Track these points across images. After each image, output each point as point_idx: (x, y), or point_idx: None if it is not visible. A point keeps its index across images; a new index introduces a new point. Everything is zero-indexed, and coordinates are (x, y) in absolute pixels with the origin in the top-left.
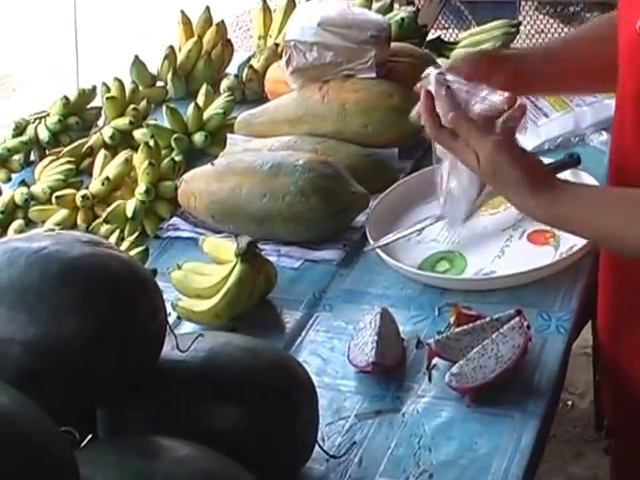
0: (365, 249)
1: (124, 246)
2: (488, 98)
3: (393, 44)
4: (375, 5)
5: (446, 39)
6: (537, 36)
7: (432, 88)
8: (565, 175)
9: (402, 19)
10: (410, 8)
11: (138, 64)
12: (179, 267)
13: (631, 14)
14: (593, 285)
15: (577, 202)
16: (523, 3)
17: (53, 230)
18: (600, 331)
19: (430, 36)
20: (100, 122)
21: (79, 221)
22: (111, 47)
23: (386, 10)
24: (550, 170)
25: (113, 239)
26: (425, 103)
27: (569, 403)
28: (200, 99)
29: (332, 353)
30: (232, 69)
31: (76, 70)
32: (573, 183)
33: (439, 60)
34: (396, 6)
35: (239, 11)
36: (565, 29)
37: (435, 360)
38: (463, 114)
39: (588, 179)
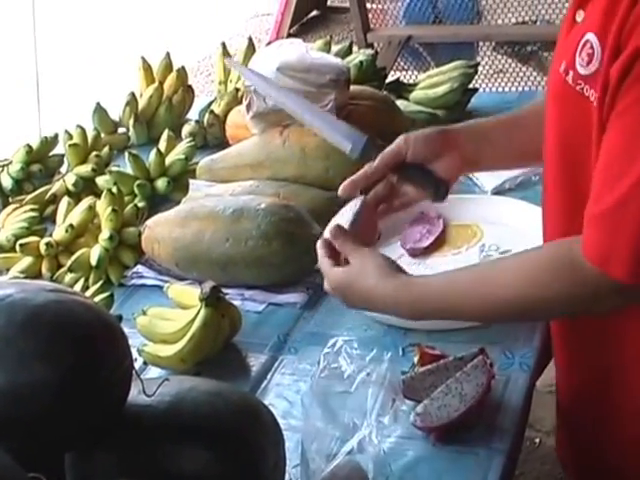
0: None
1: (88, 294)
2: None
3: (353, 87)
4: (334, 48)
5: (405, 81)
6: (495, 76)
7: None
8: (527, 211)
9: (361, 62)
10: (369, 51)
11: (100, 111)
12: (144, 313)
13: (557, 59)
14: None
15: (438, 285)
16: (481, 44)
17: (18, 278)
18: (558, 379)
19: (389, 78)
20: (63, 169)
21: (44, 269)
22: (72, 94)
23: (345, 53)
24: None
25: (78, 288)
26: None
27: (536, 441)
28: (162, 145)
29: (298, 395)
30: (193, 114)
31: (38, 118)
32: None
33: (398, 102)
34: (355, 49)
35: (200, 56)
36: (523, 68)
37: (399, 399)
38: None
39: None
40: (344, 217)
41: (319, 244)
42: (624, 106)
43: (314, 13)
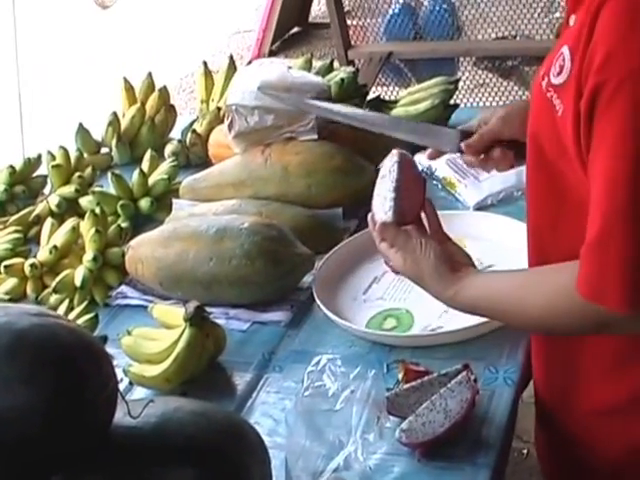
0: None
1: (73, 315)
2: None
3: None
4: (316, 64)
5: (386, 97)
6: (476, 90)
7: (387, 170)
8: (510, 226)
9: (342, 80)
10: (350, 68)
11: (82, 131)
12: (129, 333)
13: (542, 66)
14: None
15: (481, 287)
16: (461, 59)
17: (2, 300)
18: (536, 383)
19: (370, 95)
20: (46, 190)
21: (28, 290)
22: (55, 115)
23: (326, 71)
24: (467, 259)
25: (62, 308)
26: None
27: (524, 452)
28: (145, 165)
29: (283, 414)
30: (176, 133)
31: (21, 139)
32: (482, 272)
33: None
34: (336, 64)
35: (182, 74)
36: (504, 83)
37: (384, 416)
38: (390, 224)
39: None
40: (385, 183)
41: (374, 234)
42: (596, 143)
43: (295, 29)
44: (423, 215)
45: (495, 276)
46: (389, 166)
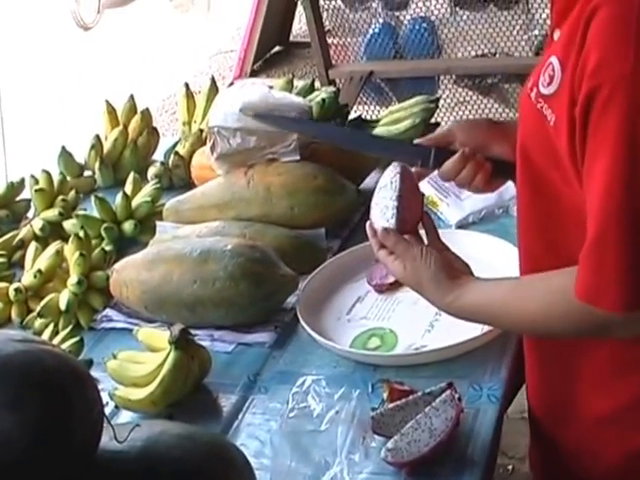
0: None
1: (58, 339)
2: None
3: None
4: (297, 84)
5: (367, 116)
6: (457, 108)
7: (388, 180)
8: (492, 244)
9: (323, 100)
10: (331, 89)
11: (65, 155)
12: (114, 356)
13: (529, 78)
14: (523, 352)
15: (477, 294)
16: (442, 77)
17: None
18: (530, 396)
19: (352, 114)
20: (30, 214)
21: (13, 315)
22: (37, 139)
23: (307, 91)
24: (465, 267)
25: (47, 333)
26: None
27: (509, 467)
28: (128, 188)
29: (269, 435)
30: (158, 155)
31: (4, 163)
32: (481, 279)
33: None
34: (317, 83)
35: (165, 95)
36: (484, 100)
37: (369, 436)
38: (391, 231)
39: (513, 250)
40: (386, 193)
41: (373, 242)
42: (591, 148)
43: (277, 49)
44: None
45: (493, 282)
46: (390, 177)
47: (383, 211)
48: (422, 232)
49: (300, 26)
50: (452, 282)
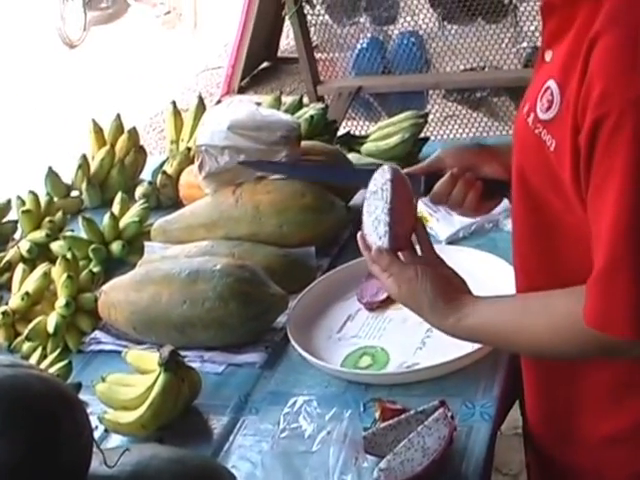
0: None
1: (47, 362)
2: None
3: (304, 143)
4: (285, 99)
5: (356, 132)
6: (446, 122)
7: (379, 186)
8: (482, 259)
9: (312, 116)
10: (319, 105)
11: (52, 175)
12: (103, 380)
13: (526, 98)
14: (517, 368)
15: (480, 315)
16: (431, 92)
17: None
18: (528, 413)
19: (341, 129)
20: (17, 235)
21: (0, 338)
22: (23, 160)
23: (295, 108)
24: (461, 283)
25: (36, 356)
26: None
27: None
28: (115, 208)
29: (260, 456)
30: (146, 175)
31: None
32: (481, 298)
33: (350, 155)
34: (305, 99)
35: (152, 113)
36: (474, 114)
37: (362, 456)
38: (384, 251)
39: (503, 265)
40: (377, 202)
41: (366, 255)
42: (598, 176)
43: (264, 65)
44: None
45: (494, 304)
46: (381, 183)
47: (375, 225)
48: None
49: (288, 41)
50: (451, 304)
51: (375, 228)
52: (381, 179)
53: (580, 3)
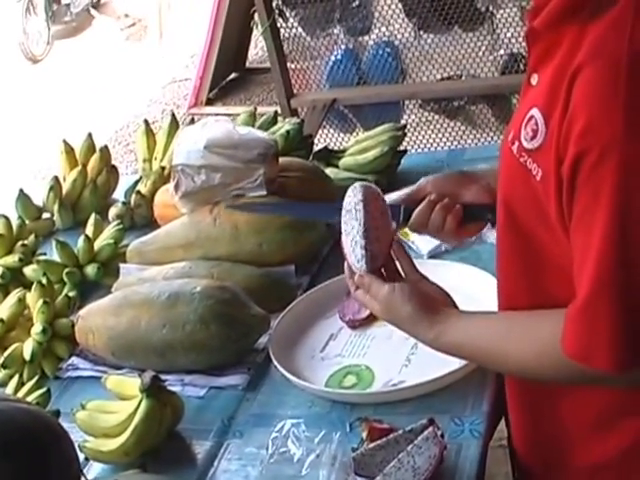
0: None
1: (24, 390)
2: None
3: (281, 159)
4: (260, 112)
5: (331, 144)
6: (423, 132)
7: (352, 206)
8: (465, 273)
9: (287, 132)
10: (294, 120)
11: (23, 198)
12: (83, 407)
13: (511, 124)
14: (503, 384)
15: (464, 331)
16: (407, 102)
17: None
18: (514, 439)
19: (315, 142)
20: None
21: None
22: None
23: (270, 123)
24: (445, 297)
25: (13, 384)
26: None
27: None
28: (89, 229)
29: None
30: (119, 194)
31: None
32: (465, 313)
33: (328, 170)
34: (279, 111)
35: (117, 126)
36: (451, 124)
37: (352, 478)
38: (364, 275)
39: (487, 278)
40: (353, 222)
41: (349, 283)
42: (580, 209)
43: (233, 76)
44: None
45: (478, 320)
46: (354, 203)
47: (352, 246)
48: None
49: (256, 51)
50: (432, 318)
51: (353, 250)
52: (354, 198)
53: (564, 30)
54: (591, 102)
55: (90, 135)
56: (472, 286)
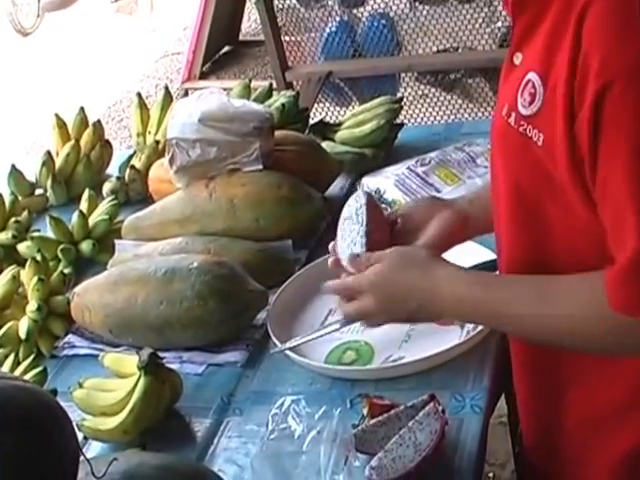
0: (272, 351)
1: (20, 369)
2: None
3: (277, 133)
4: (254, 92)
5: (327, 117)
6: (419, 105)
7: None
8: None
9: (283, 105)
10: (290, 92)
11: (15, 173)
12: (80, 385)
13: (499, 103)
14: (504, 361)
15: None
16: (403, 75)
17: None
18: (524, 435)
19: (311, 115)
20: None
21: None
22: None
23: (265, 96)
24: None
25: (8, 363)
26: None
27: (490, 475)
28: (83, 205)
29: (247, 458)
30: (113, 169)
31: None
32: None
33: (324, 143)
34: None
35: (110, 102)
36: (447, 97)
37: (353, 454)
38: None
39: (483, 251)
40: (353, 226)
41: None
42: (610, 149)
43: (226, 49)
44: None
45: (494, 283)
46: (355, 208)
47: (350, 247)
48: None
49: (250, 24)
50: (430, 261)
51: (350, 250)
52: (355, 204)
53: None
54: (606, 34)
55: (82, 109)
56: (472, 259)
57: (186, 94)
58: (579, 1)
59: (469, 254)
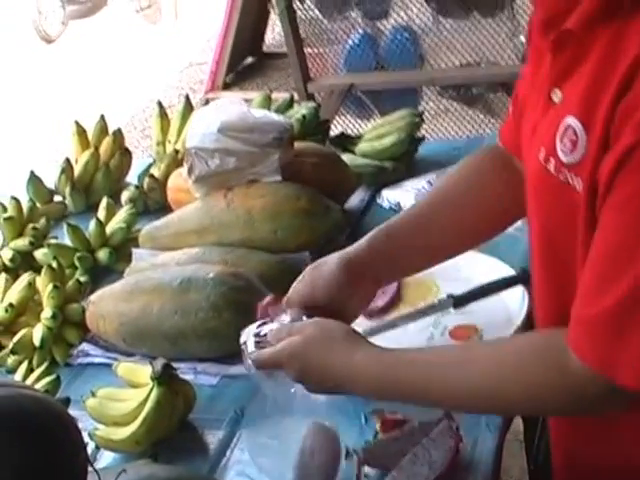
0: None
1: (34, 377)
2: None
3: (297, 144)
4: (275, 98)
5: (348, 130)
6: (441, 120)
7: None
8: (482, 265)
9: (303, 116)
10: (311, 104)
11: (34, 180)
12: (93, 394)
13: (535, 143)
14: None
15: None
16: (425, 88)
17: None
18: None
19: (332, 127)
20: None
21: None
22: (4, 165)
23: (286, 107)
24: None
25: (22, 370)
26: None
27: None
28: (101, 213)
29: (259, 473)
30: (132, 178)
31: None
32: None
33: (344, 156)
34: (295, 96)
35: (133, 111)
36: (469, 111)
37: (365, 469)
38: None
39: (504, 267)
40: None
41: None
42: (620, 201)
43: (249, 60)
44: None
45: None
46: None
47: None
48: None
49: (273, 35)
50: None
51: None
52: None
53: (597, 33)
54: None
55: (103, 117)
56: (489, 276)
57: (207, 104)
58: (622, 55)
59: (488, 269)
